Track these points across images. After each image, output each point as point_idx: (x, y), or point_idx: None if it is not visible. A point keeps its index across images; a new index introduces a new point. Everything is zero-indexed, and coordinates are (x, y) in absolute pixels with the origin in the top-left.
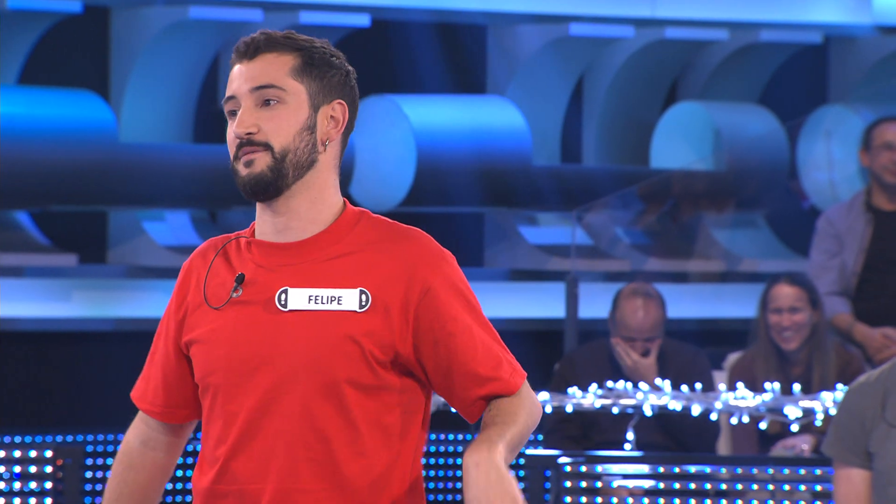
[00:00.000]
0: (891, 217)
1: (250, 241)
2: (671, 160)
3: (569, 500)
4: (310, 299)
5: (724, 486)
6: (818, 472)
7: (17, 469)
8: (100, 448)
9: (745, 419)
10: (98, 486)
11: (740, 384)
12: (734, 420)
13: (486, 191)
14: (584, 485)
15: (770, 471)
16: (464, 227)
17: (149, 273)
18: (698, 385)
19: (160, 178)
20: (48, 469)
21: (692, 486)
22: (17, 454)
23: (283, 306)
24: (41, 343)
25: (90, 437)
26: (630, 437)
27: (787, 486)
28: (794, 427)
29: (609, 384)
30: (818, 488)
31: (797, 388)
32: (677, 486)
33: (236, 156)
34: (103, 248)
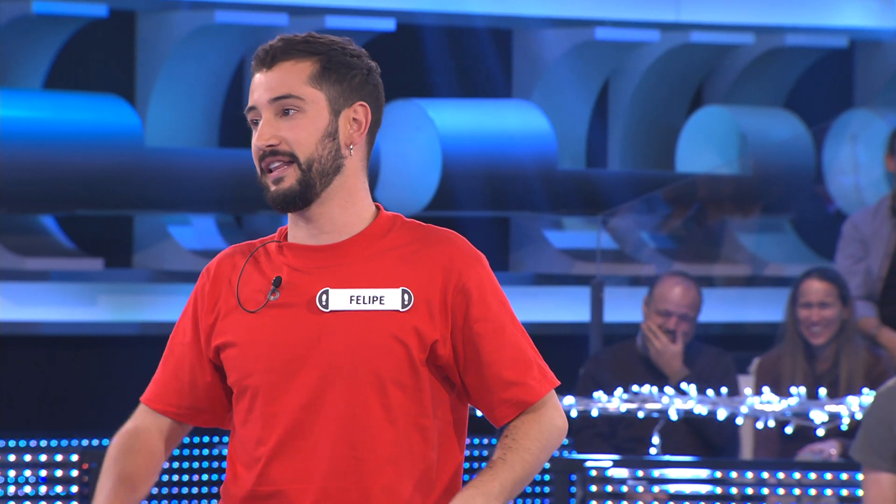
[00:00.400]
0: None
1: (282, 245)
2: (696, 164)
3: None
4: (351, 299)
5: (749, 491)
6: (844, 476)
7: (42, 473)
8: None
9: (771, 423)
10: None
11: (766, 388)
12: (759, 424)
13: (511, 195)
14: (609, 489)
15: (796, 475)
16: (489, 232)
17: (174, 277)
18: (724, 389)
19: (186, 183)
20: (74, 473)
21: (718, 490)
22: (43, 458)
23: (325, 307)
24: (67, 347)
25: None
26: (656, 441)
27: (812, 491)
28: (820, 431)
29: (635, 388)
30: (844, 493)
31: (823, 392)
32: (703, 490)
33: (262, 169)
34: (129, 253)
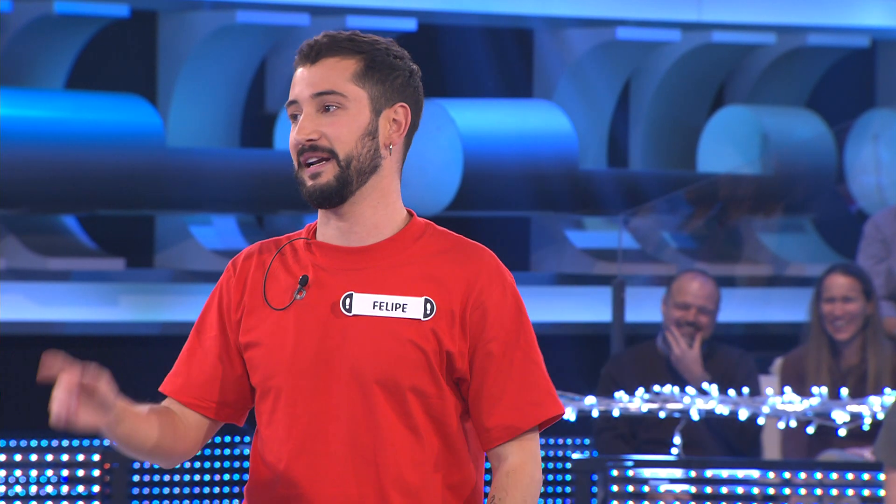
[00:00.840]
0: None
1: (310, 243)
2: (718, 164)
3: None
4: (374, 305)
5: (771, 491)
6: (866, 476)
7: (64, 473)
8: None
9: (793, 423)
10: (146, 490)
11: (788, 388)
12: (781, 424)
13: (533, 195)
14: (630, 489)
15: (818, 475)
16: (510, 232)
17: (196, 277)
18: (745, 389)
19: (207, 183)
20: (96, 473)
21: (739, 490)
22: (64, 458)
23: (348, 311)
24: (89, 347)
25: None
26: (677, 441)
27: (835, 491)
28: (842, 431)
29: (656, 388)
30: (867, 493)
31: (846, 391)
32: (724, 490)
33: (300, 163)
34: (150, 253)
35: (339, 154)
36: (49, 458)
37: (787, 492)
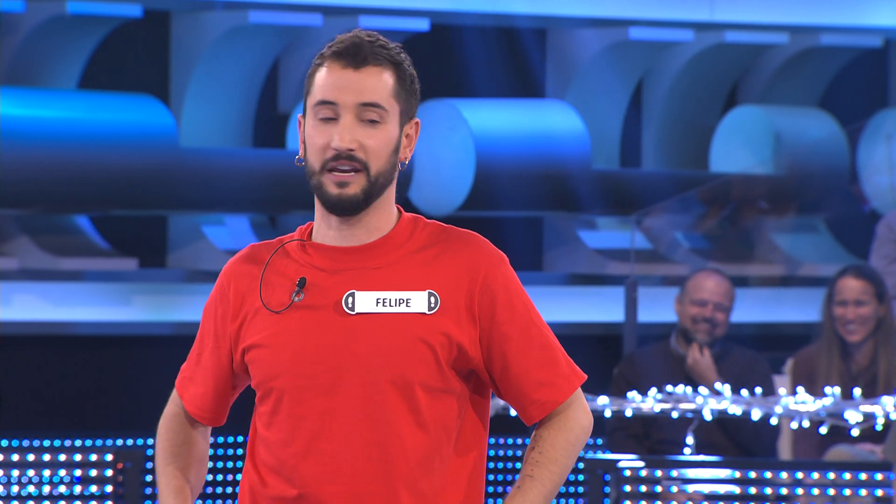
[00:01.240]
0: None
1: (304, 244)
2: (731, 164)
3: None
4: (378, 302)
5: (783, 491)
6: (879, 476)
7: (77, 473)
8: None
9: (805, 423)
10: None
11: (800, 388)
12: (794, 424)
13: (546, 195)
14: (643, 489)
15: (830, 475)
16: (523, 232)
17: (208, 277)
18: (758, 389)
19: (220, 183)
20: (108, 473)
21: (752, 490)
22: (77, 458)
23: (351, 309)
24: (101, 347)
25: (150, 441)
26: (690, 441)
27: (847, 491)
28: (855, 432)
29: (669, 388)
30: (879, 493)
31: (858, 392)
32: (737, 490)
33: (325, 167)
34: (163, 253)
35: (372, 169)
36: (62, 457)
37: (800, 492)
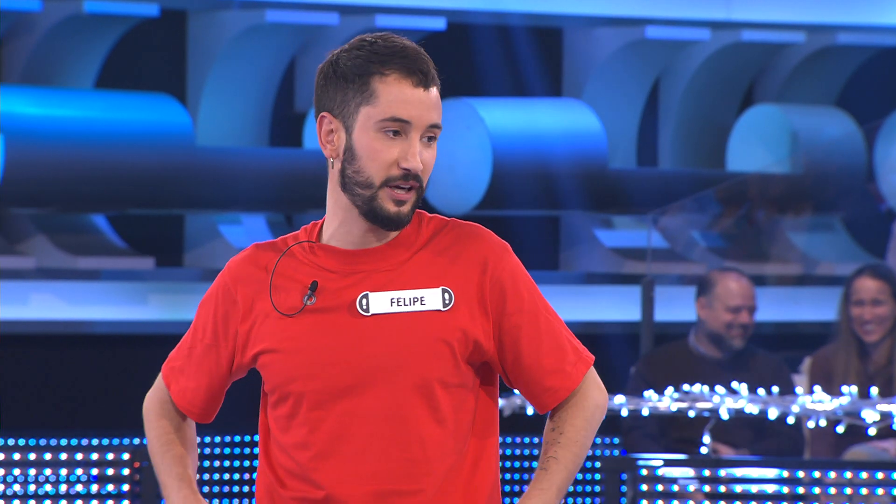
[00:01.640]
0: None
1: (313, 246)
2: (748, 163)
3: (645, 503)
4: (392, 302)
5: (800, 490)
6: None
7: (94, 472)
8: None
9: (823, 422)
10: None
11: (817, 387)
12: (811, 424)
13: (562, 194)
14: (660, 488)
15: (848, 474)
16: (539, 231)
17: None
18: (775, 388)
19: (236, 182)
20: (126, 471)
21: (768, 490)
22: (94, 457)
23: (366, 311)
24: (118, 346)
25: None
26: (706, 440)
27: (864, 490)
28: (872, 431)
29: (685, 387)
30: None
31: (875, 391)
32: (753, 490)
33: (389, 182)
34: (180, 252)
35: (424, 187)
36: (79, 456)
37: (817, 491)
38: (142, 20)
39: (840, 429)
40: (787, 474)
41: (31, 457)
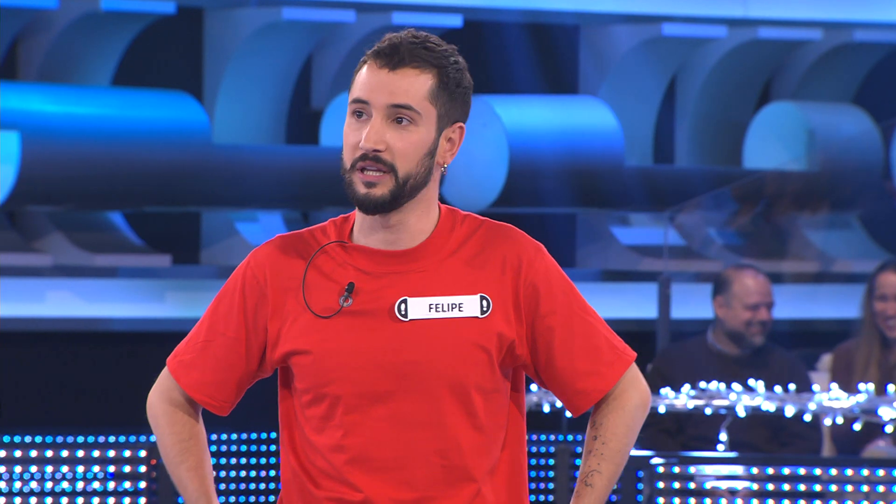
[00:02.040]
0: None
1: (347, 247)
2: (764, 161)
3: (661, 501)
4: (430, 308)
5: (817, 487)
6: None
7: (111, 469)
8: None
9: (839, 420)
10: None
11: (834, 385)
12: (828, 421)
13: (579, 191)
14: (676, 486)
15: (864, 472)
16: (556, 228)
17: None
18: (792, 386)
19: (253, 179)
20: (142, 469)
21: (785, 486)
22: (111, 454)
23: (404, 316)
24: (135, 343)
25: None
26: (723, 437)
27: (881, 487)
28: (889, 428)
29: (702, 384)
30: None
31: (892, 389)
32: (770, 487)
33: (354, 165)
34: (196, 249)
35: (400, 171)
36: (96, 454)
37: (834, 488)
38: (158, 17)
39: (857, 426)
40: (803, 472)
41: (48, 454)
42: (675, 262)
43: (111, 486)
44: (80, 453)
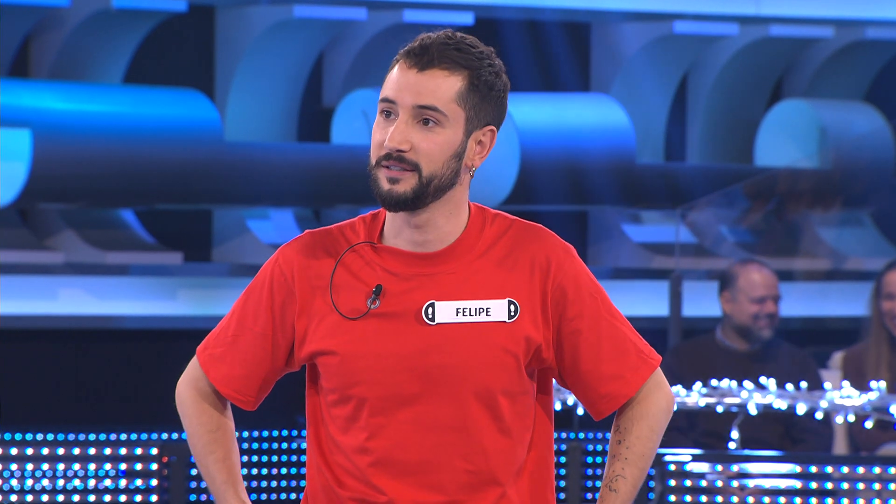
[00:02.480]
0: None
1: (376, 247)
2: (776, 158)
3: (673, 498)
4: (458, 312)
5: (829, 486)
6: None
7: (123, 467)
8: None
9: (851, 418)
10: (203, 484)
11: (846, 382)
12: (839, 419)
13: (590, 189)
14: (688, 483)
15: (876, 470)
16: (567, 226)
17: (253, 271)
18: (803, 384)
19: (264, 177)
20: (154, 467)
21: (797, 485)
22: (123, 452)
23: (431, 320)
24: (146, 341)
25: None
26: (734, 435)
27: (893, 486)
28: None
29: (714, 382)
30: None
31: None
32: (782, 485)
33: (379, 163)
34: (208, 247)
35: (424, 171)
36: (107, 451)
37: (846, 486)
38: (170, 15)
39: (868, 424)
40: (815, 469)
41: (60, 452)
42: (686, 260)
43: (123, 483)
44: (92, 451)
